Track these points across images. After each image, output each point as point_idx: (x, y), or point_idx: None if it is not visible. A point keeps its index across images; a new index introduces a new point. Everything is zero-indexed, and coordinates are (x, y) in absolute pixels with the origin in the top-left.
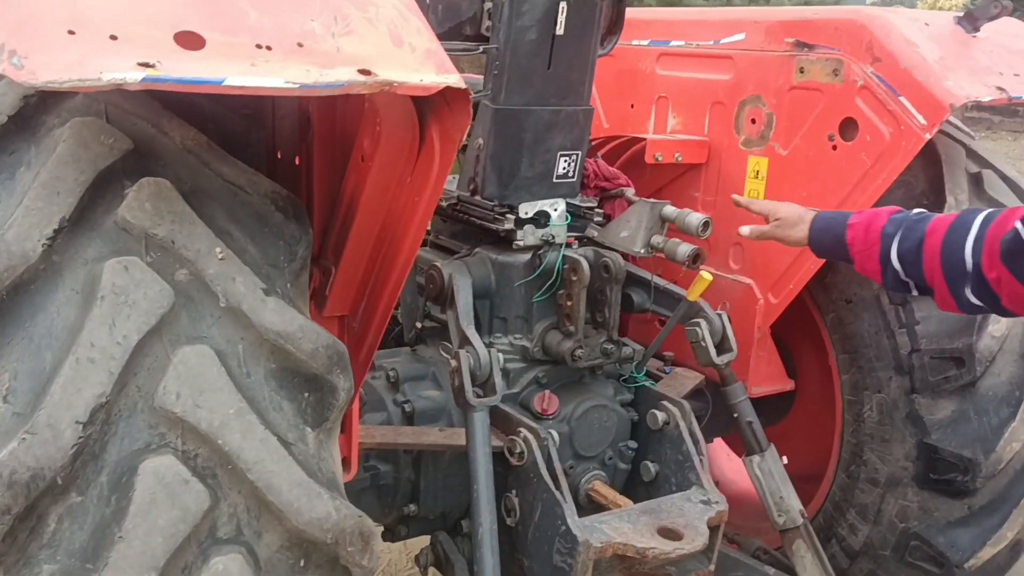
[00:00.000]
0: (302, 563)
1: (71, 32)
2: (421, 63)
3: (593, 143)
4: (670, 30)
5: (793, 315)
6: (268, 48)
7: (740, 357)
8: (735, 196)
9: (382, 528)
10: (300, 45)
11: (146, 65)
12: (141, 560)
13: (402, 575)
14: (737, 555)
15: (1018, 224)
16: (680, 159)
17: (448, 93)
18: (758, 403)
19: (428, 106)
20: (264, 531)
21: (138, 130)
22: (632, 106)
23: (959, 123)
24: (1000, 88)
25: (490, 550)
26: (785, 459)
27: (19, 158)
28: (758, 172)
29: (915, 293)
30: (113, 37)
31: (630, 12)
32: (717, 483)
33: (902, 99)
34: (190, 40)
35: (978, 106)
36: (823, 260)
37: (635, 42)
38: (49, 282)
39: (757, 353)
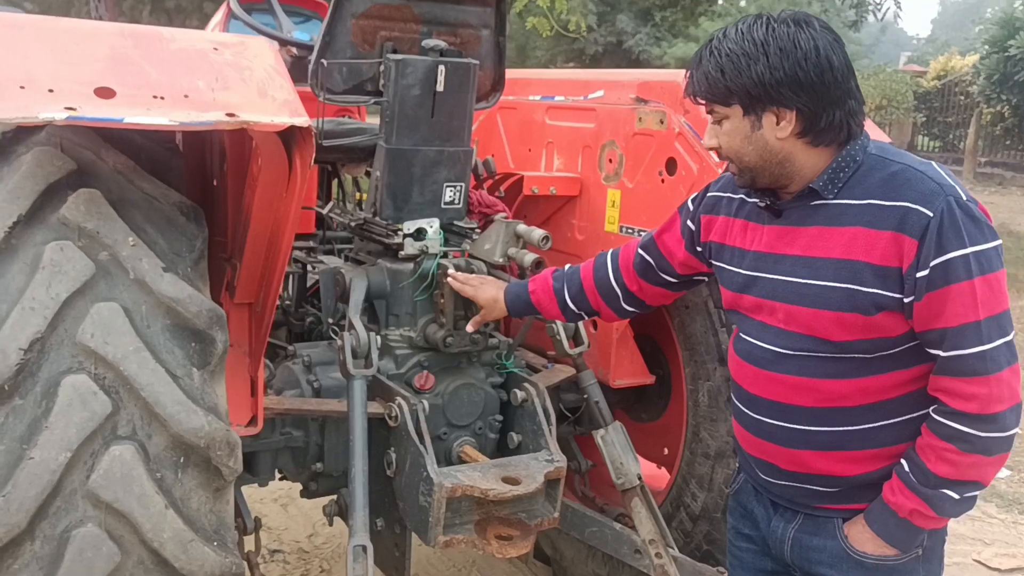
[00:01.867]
0: (182, 460)
1: (22, 87)
2: (278, 109)
3: (499, 178)
4: (555, 88)
5: (660, 322)
6: (162, 98)
7: (603, 354)
8: (450, 274)
9: (300, 487)
10: (186, 96)
11: (70, 108)
12: (60, 444)
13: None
14: (589, 512)
15: (638, 250)
16: (555, 192)
17: (297, 131)
18: (639, 402)
19: (292, 140)
20: (153, 434)
21: (82, 156)
22: (529, 150)
23: None
24: None
25: (361, 487)
26: (667, 450)
27: None
28: (614, 202)
29: (587, 318)
30: (50, 90)
31: (531, 72)
32: None
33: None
34: (105, 92)
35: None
36: None
37: (531, 97)
38: (7, 258)
39: (618, 352)
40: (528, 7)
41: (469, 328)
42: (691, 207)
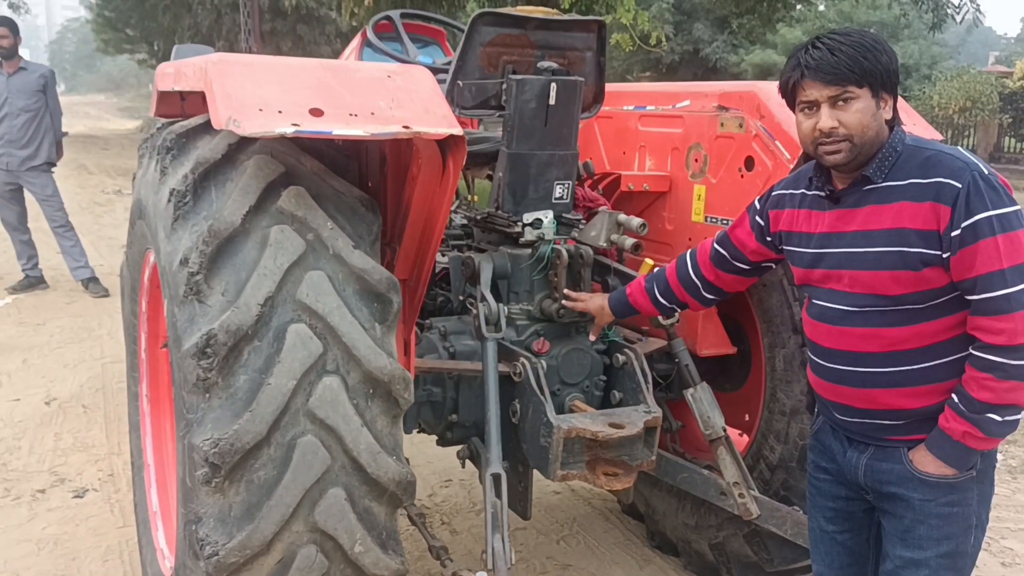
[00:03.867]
0: (371, 392)
1: (260, 110)
2: (439, 121)
3: (598, 177)
4: (646, 99)
5: (741, 302)
6: (356, 115)
7: (691, 326)
8: (567, 293)
9: (436, 437)
10: (372, 113)
11: (295, 124)
12: (288, 374)
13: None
14: (680, 461)
15: (714, 245)
16: (648, 188)
17: (452, 138)
18: (723, 373)
19: (447, 147)
20: (351, 371)
21: (288, 161)
22: (624, 153)
23: None
24: None
25: (495, 428)
26: (747, 416)
27: (227, 176)
28: (700, 196)
29: (677, 310)
30: (279, 111)
31: (624, 87)
32: None
33: (776, 142)
34: (317, 112)
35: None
36: None
37: (625, 107)
38: (244, 238)
39: (704, 324)
40: (611, 25)
41: (592, 337)
42: (758, 205)
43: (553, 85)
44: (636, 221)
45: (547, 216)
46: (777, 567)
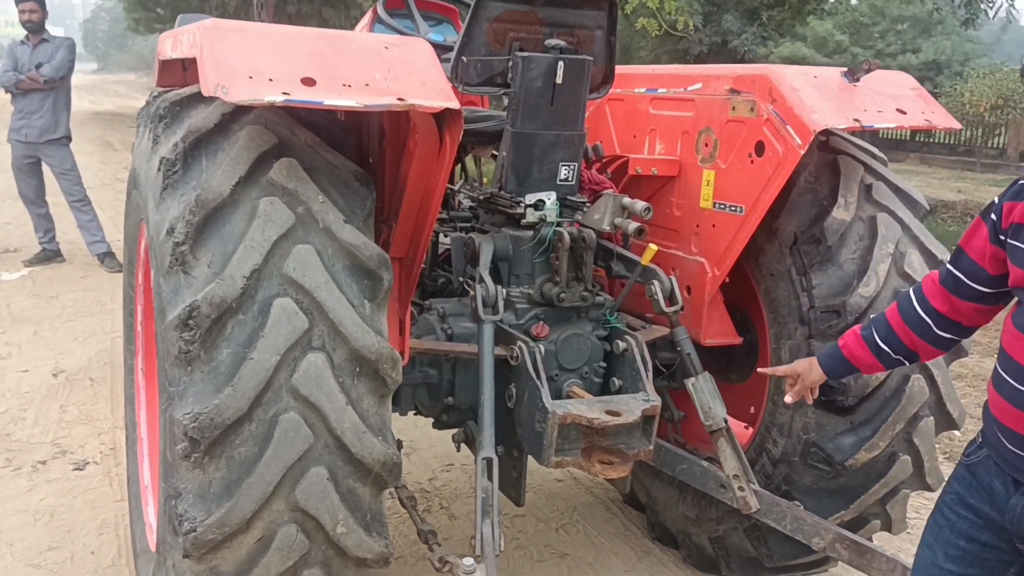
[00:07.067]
0: (358, 370)
1: (251, 77)
2: (436, 95)
3: (606, 160)
4: (658, 81)
5: (748, 291)
6: (349, 86)
7: (695, 315)
8: (760, 369)
9: (432, 420)
10: (367, 84)
11: (286, 93)
12: (271, 349)
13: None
14: (680, 452)
15: (946, 266)
16: (656, 172)
17: (449, 112)
18: (729, 364)
19: (443, 121)
20: (337, 348)
21: (281, 132)
22: (634, 136)
23: (872, 148)
24: (856, 119)
25: (489, 412)
26: (753, 408)
27: (219, 145)
28: (709, 181)
29: (907, 364)
30: (270, 79)
31: (637, 69)
32: None
33: (788, 127)
34: (308, 81)
35: None
36: (746, 243)
37: (636, 90)
38: (233, 209)
39: (709, 313)
40: (638, 9)
41: (788, 400)
42: (996, 200)
43: (560, 64)
44: (640, 205)
45: (550, 198)
46: (776, 563)
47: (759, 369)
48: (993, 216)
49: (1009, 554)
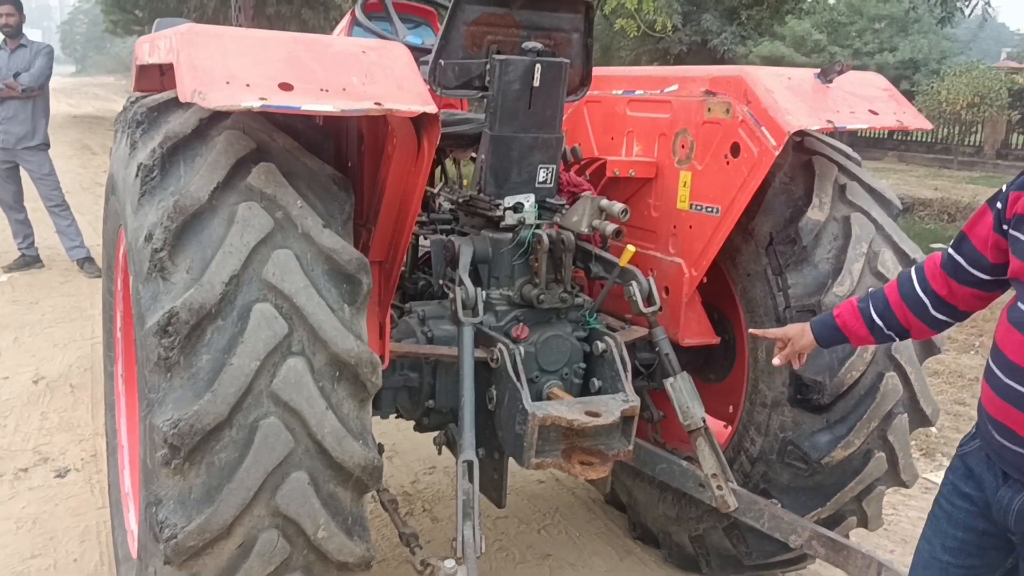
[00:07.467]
0: (337, 374)
1: (228, 83)
2: (413, 99)
3: (584, 162)
4: (635, 83)
5: (725, 291)
6: (327, 91)
7: (673, 316)
8: (751, 331)
9: (414, 423)
10: (344, 89)
11: (263, 98)
12: (251, 354)
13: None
14: (659, 451)
15: (948, 250)
16: (634, 174)
17: (426, 116)
18: (707, 364)
19: (421, 125)
20: (317, 352)
21: (260, 137)
22: (612, 138)
23: (846, 148)
24: (829, 120)
25: (469, 414)
26: (731, 408)
27: (196, 151)
28: (685, 183)
29: (898, 340)
30: (247, 85)
31: (614, 70)
32: None
33: (763, 128)
34: (286, 86)
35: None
36: (722, 243)
37: (614, 92)
38: (211, 214)
39: (687, 314)
40: (616, 9)
41: (776, 362)
42: (1003, 189)
43: (538, 66)
44: (618, 207)
45: (528, 200)
46: (755, 560)
47: (750, 330)
48: (999, 204)
49: (1005, 542)
